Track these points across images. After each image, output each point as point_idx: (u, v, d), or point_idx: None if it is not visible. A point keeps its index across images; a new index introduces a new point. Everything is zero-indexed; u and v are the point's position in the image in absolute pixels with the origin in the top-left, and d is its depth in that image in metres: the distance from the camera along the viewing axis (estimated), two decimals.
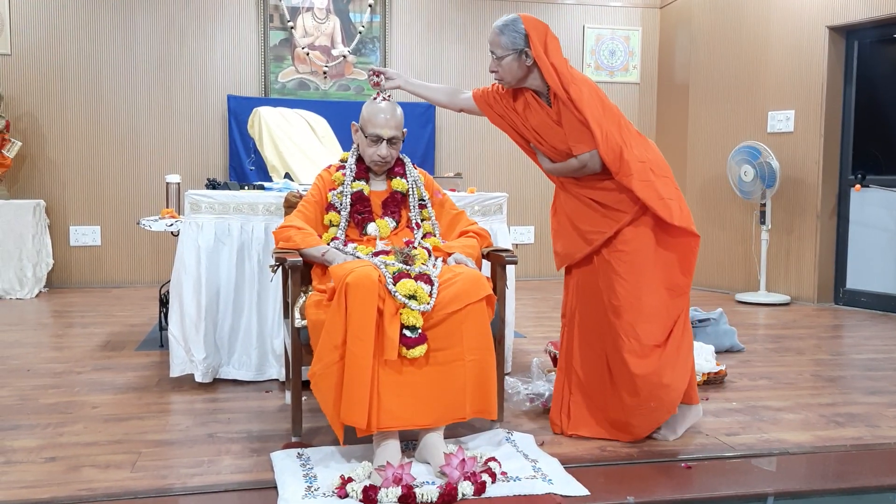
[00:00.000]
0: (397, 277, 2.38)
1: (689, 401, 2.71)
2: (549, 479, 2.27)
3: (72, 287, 6.22)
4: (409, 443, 2.49)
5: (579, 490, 2.21)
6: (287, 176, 4.16)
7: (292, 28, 6.45)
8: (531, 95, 2.68)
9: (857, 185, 5.25)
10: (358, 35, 6.55)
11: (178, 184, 4.37)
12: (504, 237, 3.58)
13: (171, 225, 3.96)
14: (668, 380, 2.56)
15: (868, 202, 5.45)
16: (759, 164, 5.57)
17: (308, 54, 6.50)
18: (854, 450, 2.61)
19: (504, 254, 2.72)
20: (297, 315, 2.53)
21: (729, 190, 6.03)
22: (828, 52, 5.51)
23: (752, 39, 6.00)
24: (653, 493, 2.22)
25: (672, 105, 6.87)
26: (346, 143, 5.17)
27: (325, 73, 6.52)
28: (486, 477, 2.21)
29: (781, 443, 2.65)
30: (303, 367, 2.55)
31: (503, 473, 2.29)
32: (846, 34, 5.56)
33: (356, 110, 2.85)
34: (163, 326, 4.16)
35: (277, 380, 3.40)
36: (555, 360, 3.51)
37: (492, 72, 2.68)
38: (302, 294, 2.64)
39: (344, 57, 6.55)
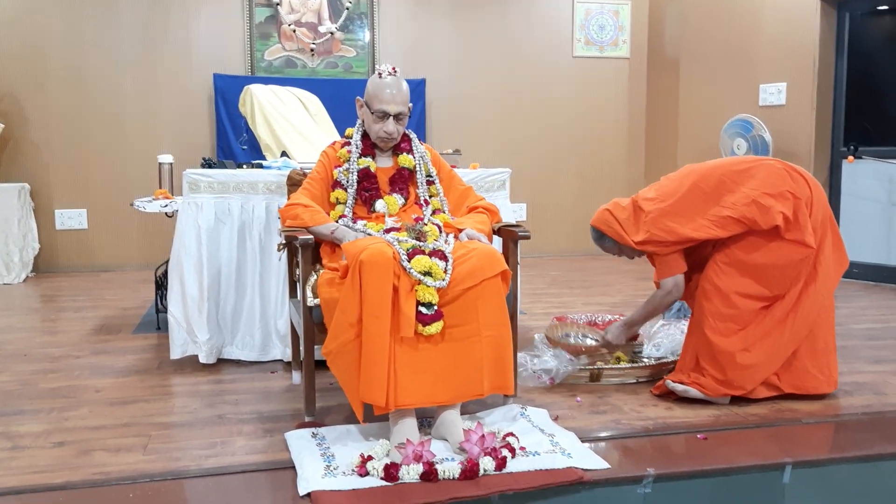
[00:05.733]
0: (412, 254, 2.34)
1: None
2: (568, 453, 2.26)
3: (59, 271, 6.11)
4: (425, 420, 2.47)
5: (599, 463, 2.20)
6: (283, 154, 4.09)
7: (278, 4, 6.33)
8: None
9: (851, 157, 5.26)
10: (345, 11, 6.44)
11: (171, 164, 4.30)
12: (507, 213, 3.55)
13: (166, 206, 3.90)
14: (746, 360, 2.67)
15: (860, 174, 5.47)
16: (752, 137, 5.57)
17: (295, 31, 6.39)
18: (865, 417, 2.63)
19: (516, 229, 2.69)
20: (308, 294, 2.49)
21: None
22: (820, 24, 5.50)
23: (744, 12, 5.98)
24: (673, 465, 2.22)
25: (663, 79, 6.84)
26: (337, 121, 5.10)
27: (312, 50, 6.42)
28: (505, 452, 2.20)
29: (794, 412, 2.66)
30: (315, 346, 2.52)
31: (522, 448, 2.28)
32: (838, 6, 5.55)
33: (345, 88, 2.82)
34: (159, 309, 4.10)
35: (282, 360, 3.36)
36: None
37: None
38: (312, 272, 2.59)
39: (331, 34, 6.45)
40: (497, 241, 2.85)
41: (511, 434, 2.33)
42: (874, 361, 3.34)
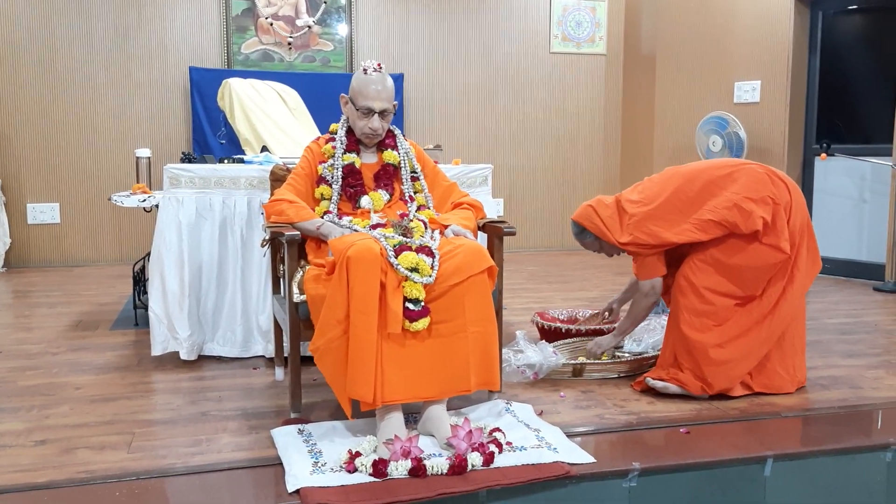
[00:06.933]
0: (398, 250, 2.34)
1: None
2: (554, 448, 2.28)
3: (31, 266, 6.02)
4: (411, 416, 2.48)
5: (585, 458, 2.22)
6: (264, 149, 4.07)
7: None
8: None
9: (823, 154, 5.35)
10: (323, 5, 6.41)
11: (149, 158, 4.25)
12: (490, 209, 3.56)
13: (144, 201, 3.85)
14: (719, 356, 2.70)
15: (832, 171, 5.57)
16: (727, 134, 5.64)
17: (272, 24, 6.34)
18: (842, 411, 2.68)
19: (501, 225, 2.70)
20: (295, 290, 2.49)
21: (697, 160, 6.09)
22: (793, 22, 5.58)
23: (719, 10, 6.05)
24: (657, 459, 2.25)
25: (639, 76, 6.90)
26: (315, 115, 5.07)
27: (289, 44, 6.38)
28: (493, 447, 2.21)
29: (773, 406, 2.71)
30: (301, 342, 2.51)
31: (508, 443, 2.30)
32: (811, 4, 5.64)
33: (322, 82, 2.81)
34: (137, 304, 4.06)
35: (263, 356, 3.34)
36: (542, 330, 3.53)
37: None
38: (297, 269, 2.58)
39: (309, 27, 6.41)
40: (482, 237, 2.86)
41: (497, 429, 2.34)
42: (848, 356, 3.40)
